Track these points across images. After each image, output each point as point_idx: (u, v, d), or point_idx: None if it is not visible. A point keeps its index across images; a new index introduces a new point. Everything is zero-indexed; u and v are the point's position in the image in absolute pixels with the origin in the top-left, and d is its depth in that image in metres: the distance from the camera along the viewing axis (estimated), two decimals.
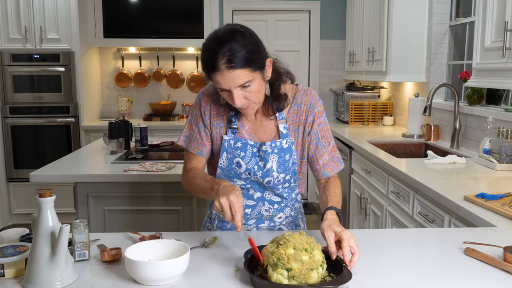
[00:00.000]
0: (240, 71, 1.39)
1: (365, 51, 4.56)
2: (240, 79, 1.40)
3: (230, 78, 1.40)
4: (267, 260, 1.18)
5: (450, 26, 3.78)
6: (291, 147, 1.59)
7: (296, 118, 1.62)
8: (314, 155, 1.64)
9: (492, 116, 2.82)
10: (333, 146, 1.67)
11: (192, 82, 5.51)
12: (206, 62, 1.43)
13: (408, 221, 2.59)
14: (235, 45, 1.38)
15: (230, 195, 1.33)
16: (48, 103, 4.79)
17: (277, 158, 1.57)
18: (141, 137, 3.31)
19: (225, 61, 1.38)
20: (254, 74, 1.43)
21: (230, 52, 1.38)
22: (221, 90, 1.46)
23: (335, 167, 1.66)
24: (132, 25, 5.20)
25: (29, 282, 1.16)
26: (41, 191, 1.18)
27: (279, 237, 1.22)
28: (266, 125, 1.61)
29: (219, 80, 1.41)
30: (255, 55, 1.42)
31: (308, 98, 1.62)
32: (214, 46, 1.40)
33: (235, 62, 1.38)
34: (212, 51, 1.40)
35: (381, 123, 4.78)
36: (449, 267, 1.31)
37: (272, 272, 1.16)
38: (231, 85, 1.41)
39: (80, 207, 2.62)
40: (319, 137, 1.63)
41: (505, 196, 1.92)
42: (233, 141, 1.58)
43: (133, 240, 1.50)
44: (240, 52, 1.38)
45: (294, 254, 1.16)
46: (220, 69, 1.39)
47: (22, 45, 4.68)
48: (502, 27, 2.30)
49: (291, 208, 1.69)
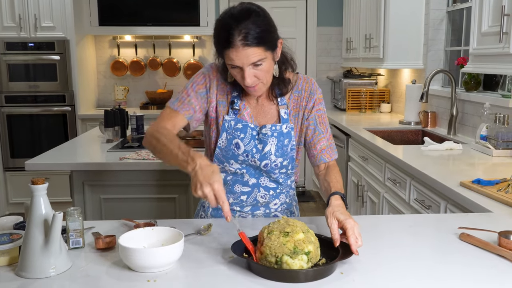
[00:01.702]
0: (255, 49, 1.41)
1: (362, 38, 4.53)
2: (253, 56, 1.41)
3: (244, 55, 1.41)
4: (280, 251, 1.14)
5: (447, 11, 3.76)
6: (291, 132, 1.60)
7: (296, 104, 1.63)
8: (312, 140, 1.65)
9: (489, 102, 2.81)
10: (330, 134, 1.68)
11: (188, 70, 5.49)
12: (221, 38, 1.43)
13: (404, 207, 2.59)
14: (251, 23, 1.40)
15: (214, 184, 1.27)
16: (44, 92, 4.77)
17: (276, 142, 1.58)
18: (137, 126, 3.29)
19: (241, 38, 1.39)
20: (266, 53, 1.44)
21: (246, 29, 1.39)
22: (232, 67, 1.46)
23: (332, 154, 1.66)
24: (127, 13, 5.15)
25: (22, 270, 1.16)
26: (34, 179, 1.17)
27: (279, 225, 1.19)
28: (267, 109, 1.62)
29: (232, 56, 1.42)
30: (269, 35, 1.45)
31: (309, 85, 1.65)
32: (230, 23, 1.41)
33: (250, 39, 1.40)
34: (228, 27, 1.40)
35: (378, 110, 4.78)
36: (444, 252, 1.31)
37: (293, 260, 1.14)
38: (244, 62, 1.42)
39: (76, 196, 2.62)
40: (317, 122, 1.64)
41: (501, 182, 1.92)
42: (233, 122, 1.58)
43: (128, 228, 1.49)
44: (256, 30, 1.40)
45: (305, 237, 1.17)
46: (235, 45, 1.40)
47: (16, 33, 4.64)
48: (499, 12, 2.28)
49: (286, 195, 1.69)
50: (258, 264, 1.17)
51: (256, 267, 1.17)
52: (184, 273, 1.19)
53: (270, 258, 1.15)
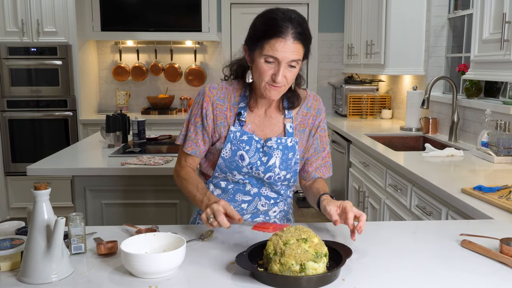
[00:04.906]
0: (300, 46, 1.44)
1: (363, 44, 4.54)
2: (296, 54, 1.44)
3: (289, 49, 1.42)
4: (304, 258, 1.15)
5: (448, 18, 3.77)
6: (295, 146, 1.61)
7: (303, 120, 1.65)
8: (310, 158, 1.68)
9: (490, 109, 2.81)
10: (328, 153, 1.72)
11: (190, 76, 5.50)
12: (271, 27, 1.43)
13: (405, 214, 2.59)
14: (303, 23, 1.45)
15: (213, 204, 1.37)
16: (46, 96, 4.78)
17: (280, 155, 1.58)
18: (139, 131, 3.30)
19: (294, 31, 1.42)
20: (302, 56, 1.47)
21: (301, 27, 1.43)
22: (267, 61, 1.45)
23: (326, 173, 1.72)
24: (129, 18, 5.17)
25: (24, 275, 1.16)
26: (36, 184, 1.17)
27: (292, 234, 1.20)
28: (274, 122, 1.62)
29: (278, 47, 1.42)
30: (310, 41, 1.49)
31: (317, 103, 1.68)
32: (286, 16, 1.44)
33: (302, 36, 1.43)
34: (284, 19, 1.43)
35: (379, 116, 4.78)
36: (446, 259, 1.30)
37: (318, 264, 1.16)
38: (287, 56, 1.43)
39: (77, 201, 2.62)
40: (318, 142, 1.68)
41: (503, 189, 1.92)
42: (239, 133, 1.58)
43: (130, 233, 1.50)
44: (307, 31, 1.45)
45: (319, 240, 1.20)
46: (287, 36, 1.41)
47: (19, 38, 4.66)
48: (500, 19, 2.29)
49: (284, 203, 1.71)
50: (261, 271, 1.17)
51: (259, 274, 1.17)
52: (186, 279, 1.19)
53: (295, 267, 1.15)
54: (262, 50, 1.44)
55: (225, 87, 1.62)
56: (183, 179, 1.62)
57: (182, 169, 1.66)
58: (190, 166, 1.66)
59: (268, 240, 1.23)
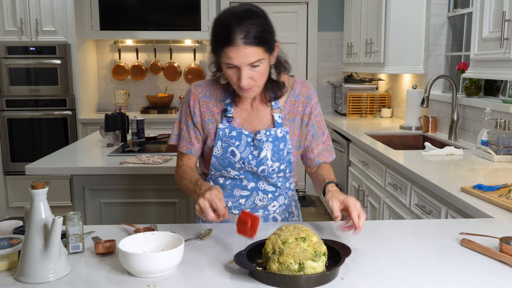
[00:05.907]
0: (255, 48, 1.40)
1: (363, 43, 4.54)
2: (253, 56, 1.41)
3: (243, 55, 1.40)
4: (303, 257, 1.15)
5: (448, 17, 3.76)
6: (286, 136, 1.59)
7: (293, 109, 1.62)
8: (310, 145, 1.67)
9: (490, 108, 2.81)
10: (327, 136, 1.71)
11: (189, 75, 5.49)
12: (221, 36, 1.42)
13: (405, 213, 2.59)
14: (252, 23, 1.40)
15: (206, 193, 1.36)
16: (45, 96, 4.77)
17: (271, 147, 1.57)
18: (138, 130, 3.29)
19: (243, 36, 1.38)
20: (265, 54, 1.44)
21: (248, 28, 1.39)
22: (228, 67, 1.45)
23: (329, 156, 1.71)
24: (128, 17, 5.16)
25: (22, 275, 1.15)
26: (34, 183, 1.16)
27: (290, 232, 1.19)
28: (261, 114, 1.61)
29: (231, 55, 1.40)
30: (269, 36, 1.46)
31: (306, 89, 1.64)
32: (232, 21, 1.40)
33: (251, 38, 1.39)
34: (230, 25, 1.40)
35: (379, 115, 4.77)
36: (445, 258, 1.30)
37: (316, 263, 1.15)
38: (243, 61, 1.41)
39: (76, 200, 2.61)
40: (315, 128, 1.66)
41: (502, 187, 1.91)
42: (228, 130, 1.58)
43: (128, 232, 1.49)
44: (257, 30, 1.40)
45: (318, 239, 1.20)
46: (236, 43, 1.39)
47: (17, 37, 4.65)
48: (500, 17, 2.28)
49: (284, 197, 1.70)
50: (260, 270, 1.17)
51: (257, 273, 1.16)
52: (184, 278, 1.18)
53: (293, 266, 1.14)
54: (221, 58, 1.45)
55: (211, 84, 1.63)
56: (180, 177, 1.64)
57: (179, 169, 1.67)
58: (187, 165, 1.67)
59: (267, 239, 1.22)
